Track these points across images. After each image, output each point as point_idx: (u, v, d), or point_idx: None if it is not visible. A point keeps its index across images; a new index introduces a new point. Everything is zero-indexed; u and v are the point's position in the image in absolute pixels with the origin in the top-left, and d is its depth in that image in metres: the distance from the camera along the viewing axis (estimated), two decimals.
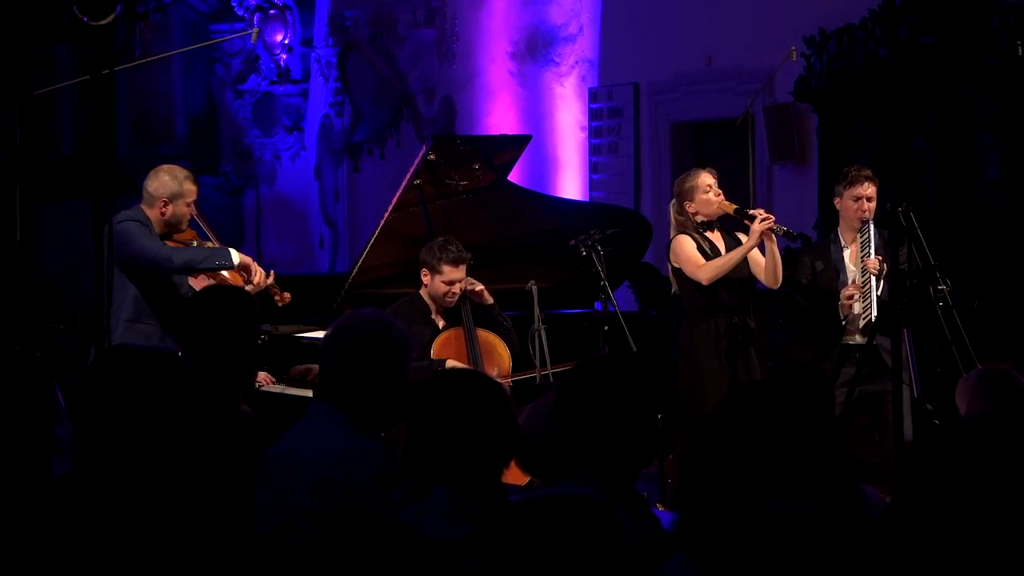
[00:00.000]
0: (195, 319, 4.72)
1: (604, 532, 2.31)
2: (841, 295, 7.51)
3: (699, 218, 7.63)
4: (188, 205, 7.03)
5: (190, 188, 7.02)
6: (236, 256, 6.97)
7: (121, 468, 3.19)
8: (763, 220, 7.41)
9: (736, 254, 7.55)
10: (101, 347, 5.07)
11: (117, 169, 7.03)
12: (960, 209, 9.45)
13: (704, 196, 7.61)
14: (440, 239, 7.46)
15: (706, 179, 7.66)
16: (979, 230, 9.37)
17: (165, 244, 6.89)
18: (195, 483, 3.25)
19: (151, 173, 7.08)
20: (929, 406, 6.97)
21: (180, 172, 7.07)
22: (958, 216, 9.35)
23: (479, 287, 7.47)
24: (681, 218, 7.68)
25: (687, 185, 7.67)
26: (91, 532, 3.10)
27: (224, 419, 4.38)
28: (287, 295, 7.31)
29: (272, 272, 7.21)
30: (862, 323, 7.42)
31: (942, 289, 7.38)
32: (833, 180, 10.41)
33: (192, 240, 7.13)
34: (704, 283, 7.51)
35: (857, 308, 7.45)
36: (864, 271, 7.48)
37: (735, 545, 2.19)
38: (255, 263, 7.10)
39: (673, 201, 7.75)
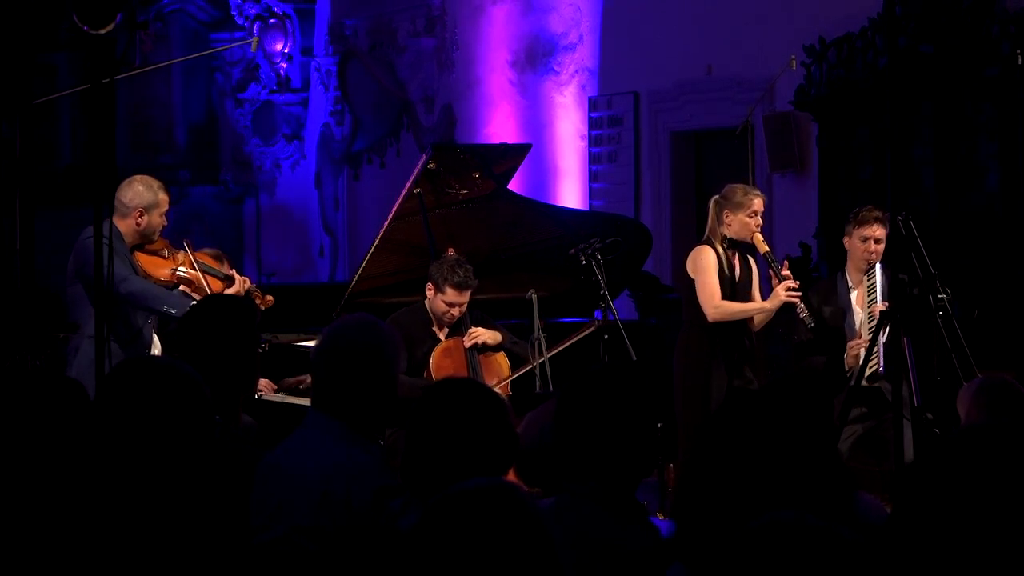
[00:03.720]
0: (195, 328, 4.72)
1: (515, 518, 2.31)
2: (847, 350, 7.42)
3: (728, 233, 7.53)
4: (162, 216, 6.97)
5: (164, 198, 6.96)
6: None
7: (127, 478, 3.20)
8: (791, 291, 7.35)
9: (752, 309, 7.47)
10: (101, 355, 5.06)
11: (117, 178, 7.03)
12: (960, 217, 9.45)
13: (747, 219, 7.42)
14: (453, 259, 7.46)
15: (758, 205, 7.49)
16: (979, 239, 9.37)
17: (124, 268, 6.75)
18: (196, 494, 3.25)
19: (124, 184, 6.98)
20: (929, 415, 6.96)
21: (154, 182, 6.99)
22: (958, 224, 9.35)
23: (481, 339, 7.47)
24: (715, 223, 7.54)
25: (742, 199, 7.47)
26: (91, 539, 3.10)
27: (224, 429, 4.38)
28: (269, 298, 7.27)
29: (247, 279, 7.18)
30: (868, 371, 7.17)
31: (942, 298, 7.38)
32: (833, 188, 10.47)
33: (163, 249, 7.07)
34: (708, 319, 7.42)
35: (861, 358, 7.33)
36: (871, 317, 7.34)
37: (733, 554, 2.19)
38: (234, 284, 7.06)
39: (717, 200, 7.55)
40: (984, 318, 8.73)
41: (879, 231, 7.42)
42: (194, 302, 6.75)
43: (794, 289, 7.37)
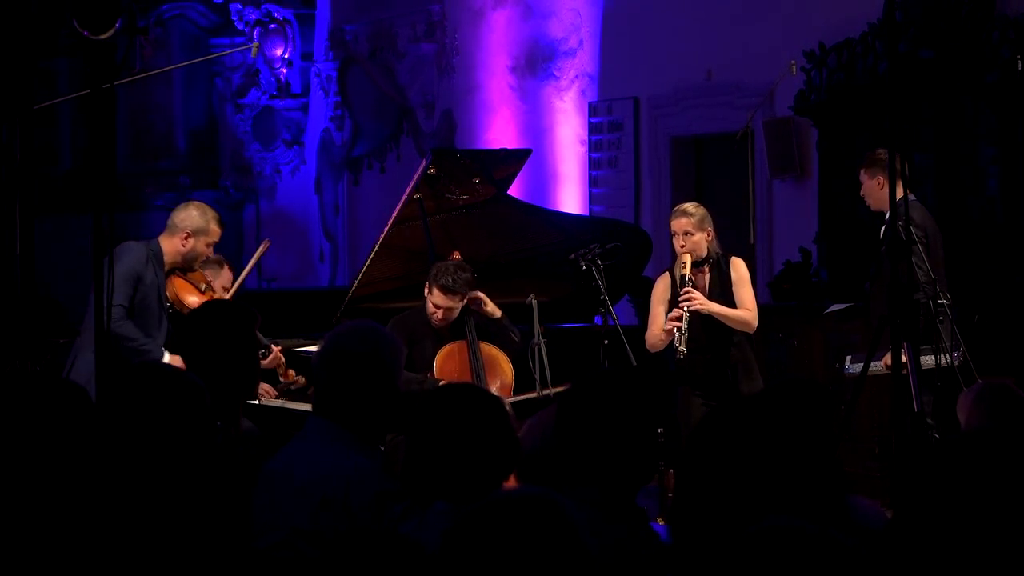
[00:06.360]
0: (196, 333, 4.72)
1: (554, 527, 2.30)
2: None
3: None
4: (208, 246, 7.06)
5: (215, 229, 7.06)
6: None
7: (128, 483, 3.20)
8: (676, 311, 7.30)
9: (654, 322, 7.46)
10: (103, 362, 5.05)
11: (117, 183, 7.06)
12: (960, 223, 9.44)
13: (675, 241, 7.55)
14: (454, 263, 7.48)
15: (674, 226, 7.51)
16: (979, 244, 9.36)
17: (122, 304, 6.66)
18: (197, 500, 3.25)
19: (181, 205, 7.18)
20: (929, 420, 6.96)
21: (210, 211, 7.11)
22: (958, 230, 9.35)
23: (485, 304, 7.48)
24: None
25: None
26: (92, 544, 3.10)
27: (225, 434, 4.38)
28: (291, 372, 7.21)
29: (281, 357, 7.12)
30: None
31: (942, 303, 7.38)
32: (833, 194, 10.46)
33: (201, 283, 7.12)
34: (648, 349, 7.52)
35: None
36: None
37: (728, 560, 2.19)
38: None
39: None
40: (984, 323, 8.73)
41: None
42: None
43: (678, 317, 7.28)
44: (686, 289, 7.29)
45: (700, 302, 7.28)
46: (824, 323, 9.51)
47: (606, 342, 7.73)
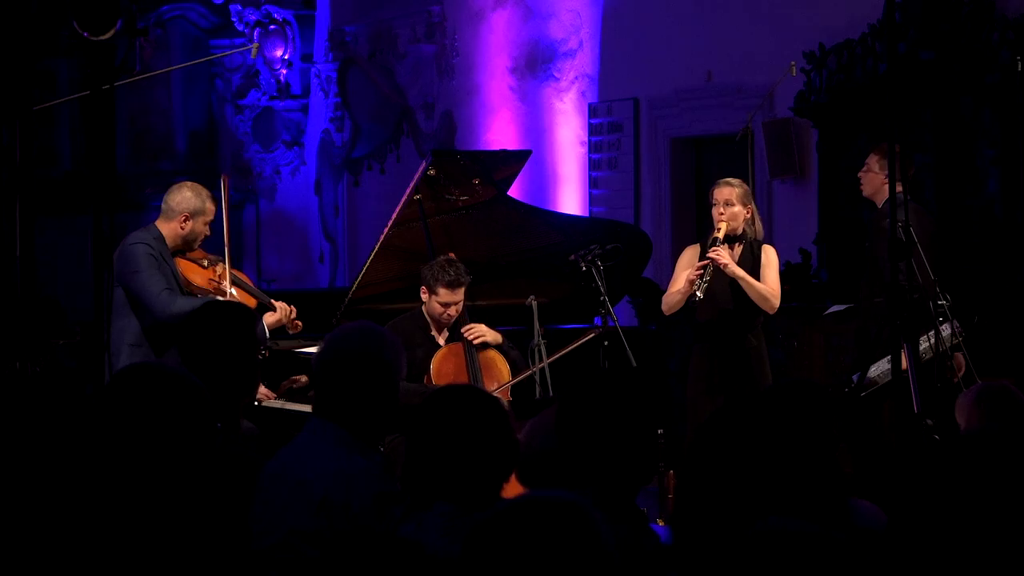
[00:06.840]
0: (195, 334, 4.72)
1: (580, 534, 2.30)
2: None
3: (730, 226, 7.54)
4: (206, 224, 7.09)
5: (211, 207, 7.10)
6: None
7: (128, 484, 3.20)
8: (703, 261, 7.32)
9: (675, 284, 7.47)
10: (101, 363, 5.05)
11: (117, 184, 7.07)
12: (960, 224, 9.45)
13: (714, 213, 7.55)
14: (443, 259, 7.46)
15: (715, 196, 7.51)
16: (979, 245, 9.36)
17: (166, 287, 6.80)
18: (197, 500, 3.25)
19: (173, 188, 7.15)
20: (929, 421, 6.96)
21: (203, 190, 7.14)
22: (958, 230, 9.35)
23: (480, 338, 7.47)
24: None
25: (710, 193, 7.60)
26: (92, 545, 3.10)
27: (225, 435, 4.38)
28: (299, 323, 7.32)
29: (293, 308, 7.22)
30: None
31: (942, 304, 7.37)
32: (833, 195, 10.47)
33: (203, 259, 7.15)
34: (664, 311, 7.54)
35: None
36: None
37: (730, 561, 2.19)
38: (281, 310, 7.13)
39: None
40: (984, 324, 8.72)
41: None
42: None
43: (702, 266, 7.30)
44: (715, 248, 7.32)
45: (726, 259, 7.30)
46: (824, 324, 9.51)
47: (606, 343, 7.72)
